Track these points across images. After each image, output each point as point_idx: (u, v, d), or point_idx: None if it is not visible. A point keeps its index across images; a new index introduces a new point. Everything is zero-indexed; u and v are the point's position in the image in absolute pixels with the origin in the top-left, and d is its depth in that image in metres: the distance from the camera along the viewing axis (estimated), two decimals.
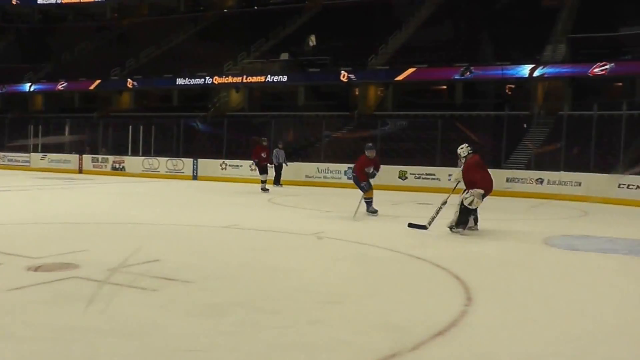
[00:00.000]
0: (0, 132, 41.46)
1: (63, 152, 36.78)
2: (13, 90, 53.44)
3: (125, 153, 34.33)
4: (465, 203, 11.67)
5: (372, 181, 15.58)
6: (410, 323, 5.76)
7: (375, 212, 15.29)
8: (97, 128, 38.77)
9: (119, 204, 17.65)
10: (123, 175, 31.69)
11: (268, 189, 22.00)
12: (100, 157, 34.49)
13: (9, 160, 38.06)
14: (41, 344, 4.98)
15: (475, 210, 11.88)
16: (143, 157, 33.04)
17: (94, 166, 34.07)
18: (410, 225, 12.63)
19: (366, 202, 15.42)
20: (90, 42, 58.89)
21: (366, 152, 15.47)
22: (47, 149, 37.83)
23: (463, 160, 11.88)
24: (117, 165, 33.03)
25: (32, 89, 52.54)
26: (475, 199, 11.60)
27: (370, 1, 49.22)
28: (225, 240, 10.74)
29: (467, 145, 12.03)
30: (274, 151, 26.04)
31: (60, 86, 50.19)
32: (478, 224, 12.19)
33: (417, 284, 7.62)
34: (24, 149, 38.95)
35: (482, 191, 11.54)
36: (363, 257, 9.45)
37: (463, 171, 11.87)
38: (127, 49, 52.87)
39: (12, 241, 9.85)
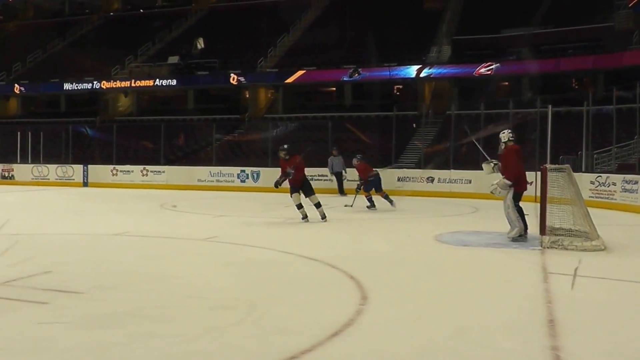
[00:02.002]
0: None
1: None
2: None
3: (14, 161, 33.24)
4: (489, 190, 11.34)
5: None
6: (306, 325, 5.85)
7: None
8: None
9: (8, 214, 17.10)
10: (12, 184, 30.69)
11: (307, 217, 14.59)
12: None
13: None
14: None
15: (523, 214, 11.27)
16: (32, 165, 32.08)
17: None
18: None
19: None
20: None
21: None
22: None
23: (503, 146, 11.31)
24: (6, 174, 31.95)
25: None
26: (499, 189, 11.16)
27: (256, 4, 49.35)
28: (117, 248, 10.61)
29: (509, 130, 11.59)
30: (328, 160, 24.02)
31: None
32: (527, 232, 11.31)
33: (312, 285, 7.73)
34: None
35: (508, 182, 11.00)
36: (256, 260, 9.49)
37: (501, 156, 11.40)
38: (13, 53, 51.18)
39: None
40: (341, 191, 23.59)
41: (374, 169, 18.73)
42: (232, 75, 38.60)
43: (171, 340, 5.35)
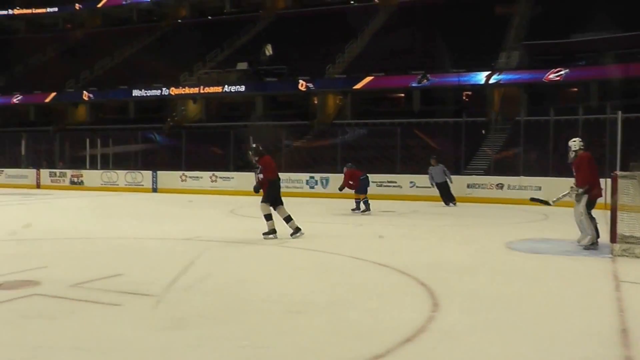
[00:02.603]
0: None
1: (20, 167, 36.19)
2: None
3: (83, 167, 33.90)
4: (561, 195, 11.20)
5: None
6: (378, 330, 5.75)
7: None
8: (54, 142, 38.24)
9: (79, 219, 17.41)
10: (82, 189, 31.26)
11: (274, 233, 12.35)
12: (58, 171, 33.99)
13: None
14: None
15: (595, 222, 10.98)
16: (101, 171, 32.66)
17: (52, 181, 33.55)
18: (533, 199, 12.62)
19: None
20: (44, 54, 58.17)
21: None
22: (3, 164, 37.19)
23: (573, 154, 11.09)
24: (76, 179, 32.58)
25: None
26: (570, 193, 11.01)
27: (324, 10, 49.43)
28: (188, 252, 10.60)
29: (579, 139, 11.45)
30: (429, 169, 21.89)
31: (15, 100, 49.52)
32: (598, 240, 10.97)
33: (383, 291, 7.59)
34: None
35: (581, 190, 10.78)
36: (327, 265, 9.43)
37: (573, 164, 11.15)
38: (81, 61, 52.29)
39: None
40: (451, 199, 21.55)
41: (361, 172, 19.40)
42: (300, 81, 38.68)
43: (246, 344, 5.31)
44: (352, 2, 51.70)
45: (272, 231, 12.21)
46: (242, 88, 41.03)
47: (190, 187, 29.07)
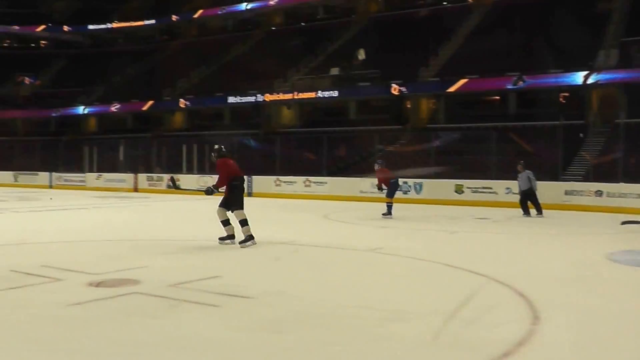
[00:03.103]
0: (55, 154, 42.16)
1: (118, 172, 37.20)
2: (67, 114, 54.66)
3: (179, 171, 34.59)
4: None
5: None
6: (475, 341, 5.61)
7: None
8: (151, 147, 39.18)
9: (176, 221, 17.77)
10: (177, 193, 31.82)
11: (232, 239, 11.95)
12: (155, 175, 34.80)
13: (65, 180, 38.67)
14: (107, 358, 4.98)
15: None
16: (198, 175, 33.25)
17: (149, 184, 34.41)
18: (624, 222, 12.31)
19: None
20: (142, 64, 59.78)
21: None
22: (102, 168, 38.37)
23: None
24: (171, 184, 33.23)
25: (85, 112, 53.68)
26: None
27: (416, 13, 49.09)
28: (284, 256, 10.66)
29: None
30: (519, 176, 20.13)
31: (114, 108, 51.07)
32: None
33: (481, 301, 7.41)
34: (79, 169, 39.56)
35: None
36: (423, 273, 9.29)
37: None
38: (178, 70, 53.51)
39: (71, 258, 9.95)
40: (537, 209, 19.68)
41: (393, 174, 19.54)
42: (393, 85, 38.47)
43: (340, 349, 5.27)
44: (444, 2, 51.19)
45: (230, 237, 11.87)
46: (335, 93, 41.12)
47: (284, 191, 29.28)
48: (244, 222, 11.81)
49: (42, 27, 71.10)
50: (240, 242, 11.56)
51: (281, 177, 30.18)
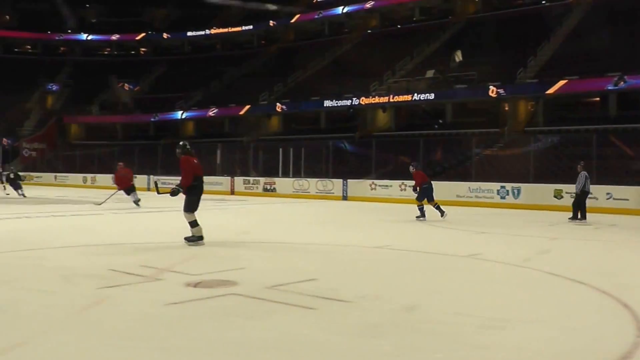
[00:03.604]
0: (154, 158, 43.11)
1: (215, 175, 37.77)
2: (165, 118, 55.92)
3: (275, 175, 34.91)
4: None
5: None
6: (577, 352, 5.38)
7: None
8: (248, 151, 39.65)
9: (272, 224, 17.87)
10: (274, 196, 32.20)
11: (199, 240, 11.91)
12: (251, 179, 35.21)
13: (162, 183, 39.28)
14: (203, 357, 5.00)
15: None
16: (293, 179, 33.49)
17: (245, 188, 34.85)
18: None
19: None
20: (239, 69, 60.68)
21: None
22: None
23: None
24: (268, 187, 33.61)
25: (183, 116, 54.73)
26: None
27: (515, 12, 48.23)
28: (379, 260, 10.56)
29: None
30: (578, 176, 19.52)
31: (211, 112, 51.95)
32: None
33: (582, 310, 7.10)
34: (177, 172, 40.22)
35: None
36: (523, 280, 8.99)
37: None
38: (274, 75, 54.12)
39: (169, 259, 10.11)
40: (582, 213, 19.18)
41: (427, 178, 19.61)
42: (491, 87, 37.75)
43: (441, 356, 5.14)
44: (543, 2, 50.13)
45: (199, 238, 11.80)
46: (432, 96, 40.67)
47: (380, 195, 29.16)
48: (194, 224, 11.83)
49: (142, 34, 73.18)
50: (187, 238, 11.74)
51: (376, 181, 30.06)
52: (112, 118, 61.34)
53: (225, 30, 69.29)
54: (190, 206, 11.96)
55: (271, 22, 66.14)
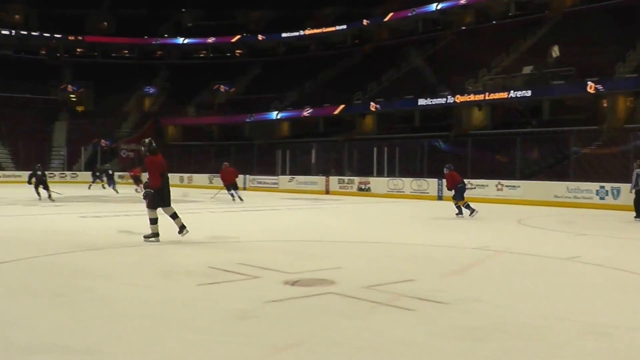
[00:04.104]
0: (250, 157, 43.65)
1: (310, 175, 38.01)
2: (261, 119, 56.49)
3: (370, 174, 34.86)
4: None
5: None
6: None
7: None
8: (342, 151, 39.73)
9: (368, 224, 17.85)
10: (369, 196, 32.16)
11: (155, 237, 12.09)
12: (346, 178, 35.27)
13: (258, 182, 40.00)
14: (303, 355, 5.05)
15: None
16: (388, 178, 33.37)
17: (340, 187, 34.92)
18: None
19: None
20: (333, 69, 60.84)
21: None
22: (294, 171, 39.38)
23: None
24: (363, 186, 33.60)
25: (278, 117, 55.20)
26: None
27: (614, 4, 46.80)
28: (477, 262, 10.40)
29: None
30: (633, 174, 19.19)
31: (306, 112, 52.27)
32: None
33: None
34: (272, 172, 40.77)
35: None
36: (625, 285, 8.67)
37: None
38: (368, 74, 54.06)
39: (267, 257, 10.25)
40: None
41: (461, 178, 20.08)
42: (589, 83, 36.70)
43: None
44: None
45: (154, 234, 11.95)
46: (528, 93, 39.81)
47: (476, 195, 28.60)
48: (154, 221, 12.01)
49: (238, 37, 74.23)
50: (145, 237, 11.93)
51: (472, 181, 29.54)
52: (208, 119, 62.42)
53: (319, 30, 69.65)
54: (153, 203, 12.09)
55: (365, 21, 66.16)
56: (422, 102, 44.69)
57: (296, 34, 71.44)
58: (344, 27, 68.24)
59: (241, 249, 11.45)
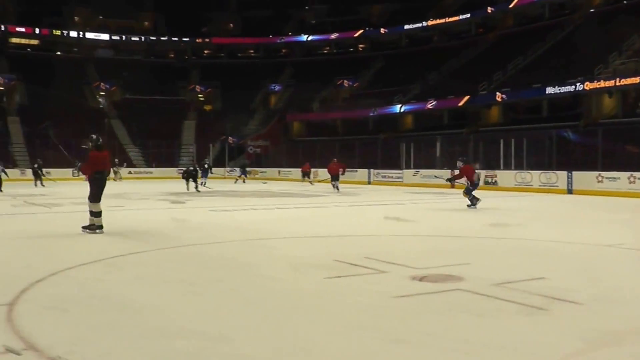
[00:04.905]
0: (374, 151, 43.67)
1: (435, 168, 37.65)
2: (384, 113, 56.34)
3: (497, 167, 34.18)
4: None
5: None
6: None
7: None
8: (468, 143, 39.16)
9: (494, 219, 17.46)
10: (495, 190, 31.54)
11: (95, 229, 12.70)
12: None
13: (382, 176, 39.96)
14: (431, 352, 4.98)
15: None
16: (515, 171, 32.63)
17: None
18: None
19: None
20: (456, 59, 60.11)
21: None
22: (418, 165, 39.14)
23: None
24: (489, 180, 32.98)
25: (402, 110, 54.91)
26: None
27: None
28: (612, 260, 9.96)
29: None
30: None
31: (430, 105, 51.82)
32: None
33: None
34: (396, 165, 40.64)
35: None
36: None
37: None
38: (493, 63, 53.08)
39: (394, 251, 10.22)
40: None
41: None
42: None
43: None
44: None
45: (93, 227, 12.52)
46: None
47: (607, 188, 27.54)
48: (96, 215, 12.58)
49: (360, 31, 74.46)
50: (84, 227, 12.52)
51: (603, 173, 28.46)
52: (332, 114, 62.82)
53: (442, 20, 68.97)
54: (93, 197, 12.69)
55: (489, 9, 65.02)
56: (549, 90, 43.40)
57: (419, 25, 70.98)
58: (468, 15, 67.25)
59: (367, 243, 11.48)
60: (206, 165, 37.75)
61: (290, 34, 79.89)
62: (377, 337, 5.30)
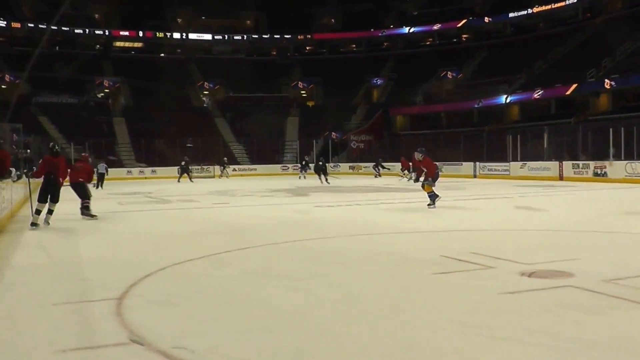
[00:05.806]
0: (479, 144, 43.07)
1: (542, 160, 36.84)
2: (489, 104, 55.47)
3: (606, 158, 33.12)
4: None
5: None
6: None
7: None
8: (576, 133, 38.13)
9: (604, 212, 16.96)
10: (605, 182, 30.59)
11: (36, 226, 13.82)
12: (581, 163, 33.78)
13: (488, 169, 39.34)
14: (541, 350, 4.85)
15: None
16: (626, 162, 31.54)
17: (574, 173, 33.49)
18: None
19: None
20: (563, 46, 58.65)
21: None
22: (526, 157, 38.35)
23: None
24: (599, 171, 32.01)
25: (507, 101, 53.92)
26: None
27: None
28: None
29: None
30: None
31: (536, 95, 50.74)
32: None
33: None
34: (502, 158, 39.93)
35: None
36: None
37: None
38: (601, 49, 51.52)
39: (501, 247, 10.06)
40: None
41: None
42: None
43: None
44: None
45: (32, 224, 13.64)
46: None
47: None
48: (37, 212, 13.80)
49: (464, 21, 73.57)
50: (32, 224, 13.62)
51: None
52: (436, 107, 62.24)
53: (548, 7, 67.39)
54: (39, 197, 13.97)
55: None
56: None
57: (523, 12, 69.58)
58: (574, 0, 65.43)
59: (472, 238, 11.32)
60: (304, 162, 40.01)
61: (391, 26, 79.64)
62: (482, 334, 5.22)
